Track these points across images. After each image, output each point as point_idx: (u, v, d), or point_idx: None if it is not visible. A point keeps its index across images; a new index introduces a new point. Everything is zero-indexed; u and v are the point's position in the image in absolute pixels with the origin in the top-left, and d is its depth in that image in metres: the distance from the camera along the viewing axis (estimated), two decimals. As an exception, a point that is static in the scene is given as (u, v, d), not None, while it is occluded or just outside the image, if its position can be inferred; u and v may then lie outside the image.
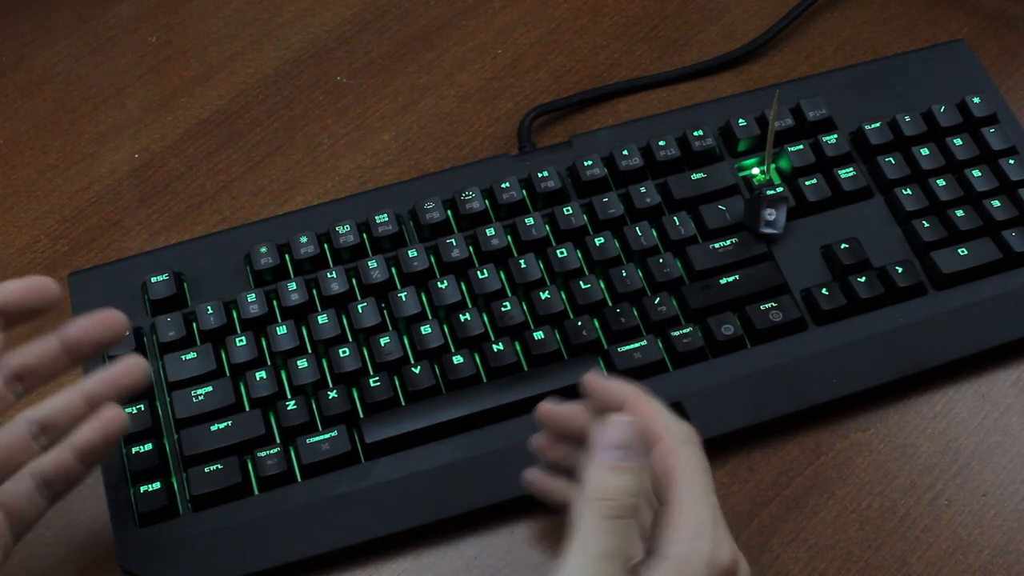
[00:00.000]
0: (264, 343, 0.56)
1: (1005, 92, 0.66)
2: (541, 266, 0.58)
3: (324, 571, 0.52)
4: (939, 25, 0.71)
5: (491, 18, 0.73)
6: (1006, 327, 0.57)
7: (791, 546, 0.53)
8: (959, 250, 0.58)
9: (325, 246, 0.59)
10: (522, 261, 0.58)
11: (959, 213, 0.59)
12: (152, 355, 0.56)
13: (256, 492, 0.53)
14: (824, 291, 0.57)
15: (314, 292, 0.57)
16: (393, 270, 0.58)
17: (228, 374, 0.55)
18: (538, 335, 0.55)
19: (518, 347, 0.56)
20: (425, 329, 0.56)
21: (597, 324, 0.56)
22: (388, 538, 0.52)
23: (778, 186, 0.61)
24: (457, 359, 0.55)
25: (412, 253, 0.58)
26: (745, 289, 0.57)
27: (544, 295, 0.57)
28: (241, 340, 0.55)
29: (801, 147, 0.62)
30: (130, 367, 0.48)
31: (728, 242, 0.59)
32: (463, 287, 0.58)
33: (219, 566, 0.51)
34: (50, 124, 0.68)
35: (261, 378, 0.54)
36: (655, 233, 0.59)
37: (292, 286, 0.57)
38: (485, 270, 0.57)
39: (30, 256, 0.63)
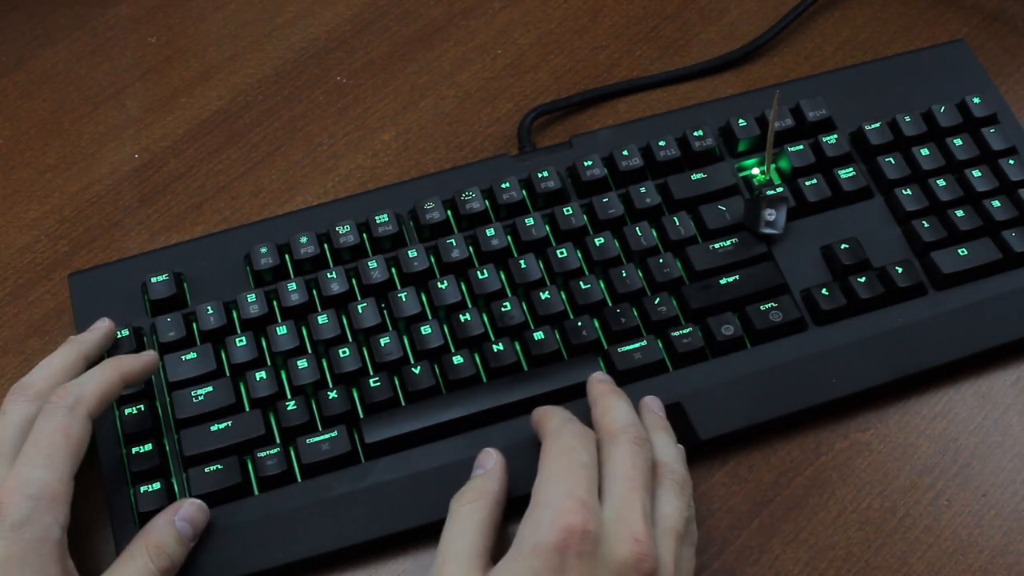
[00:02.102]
0: (264, 343, 0.56)
1: (1005, 92, 0.67)
2: (541, 266, 0.58)
3: (324, 571, 0.52)
4: (939, 25, 0.71)
5: (491, 18, 0.73)
6: (1006, 327, 0.57)
7: (791, 546, 0.53)
8: (959, 250, 0.58)
9: (325, 246, 0.59)
10: (522, 261, 0.58)
11: (959, 213, 0.59)
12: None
13: (256, 492, 0.53)
14: (824, 291, 0.57)
15: (314, 292, 0.57)
16: (393, 270, 0.58)
17: (228, 374, 0.55)
18: (538, 335, 0.55)
19: (518, 347, 0.56)
20: (425, 329, 0.56)
21: (597, 324, 0.56)
22: (388, 538, 0.52)
23: (778, 186, 0.61)
24: (457, 359, 0.55)
25: (412, 253, 0.58)
26: (745, 289, 0.57)
27: (544, 295, 0.57)
28: (241, 340, 0.55)
29: (801, 147, 0.62)
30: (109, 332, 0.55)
31: (728, 242, 0.59)
32: (463, 287, 0.58)
33: (219, 566, 0.51)
34: (50, 124, 0.68)
35: (261, 378, 0.54)
36: (655, 233, 0.59)
37: (292, 286, 0.57)
38: (485, 270, 0.57)
39: (30, 256, 0.63)
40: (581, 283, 0.57)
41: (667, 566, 0.45)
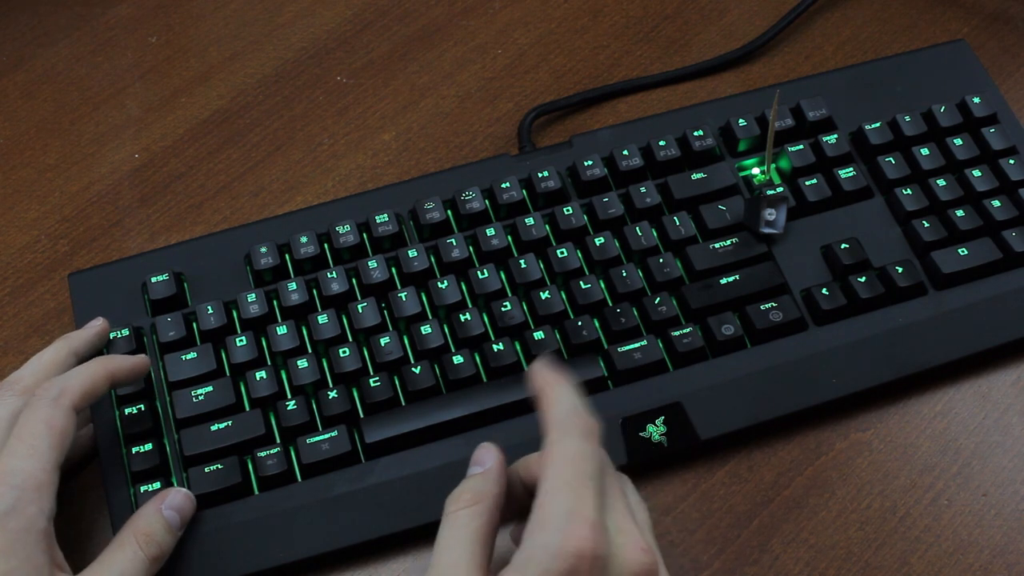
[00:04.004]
0: (264, 343, 0.56)
1: (1005, 92, 0.67)
2: (541, 266, 0.58)
3: (324, 571, 0.52)
4: (939, 25, 0.71)
5: (491, 18, 0.73)
6: (1006, 327, 0.57)
7: (791, 546, 0.53)
8: (959, 250, 0.58)
9: (325, 246, 0.59)
10: (522, 261, 0.58)
11: (959, 213, 0.59)
12: (152, 355, 0.56)
13: (256, 492, 0.53)
14: (824, 291, 0.57)
15: (314, 292, 0.57)
16: (393, 270, 0.58)
17: (228, 374, 0.55)
18: (538, 335, 0.55)
19: (518, 347, 0.56)
20: (425, 329, 0.56)
21: (597, 324, 0.56)
22: (388, 538, 0.52)
23: (778, 186, 0.61)
24: (457, 359, 0.55)
25: (412, 253, 0.58)
26: (745, 289, 0.57)
27: (544, 295, 0.57)
28: (241, 340, 0.55)
29: (801, 147, 0.62)
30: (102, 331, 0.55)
31: (728, 242, 0.59)
32: (463, 287, 0.58)
33: (219, 566, 0.51)
34: (50, 124, 0.68)
35: (261, 378, 0.54)
36: (655, 233, 0.59)
37: (292, 286, 0.57)
38: (485, 270, 0.57)
39: (30, 256, 0.63)
40: (581, 283, 0.57)
41: (659, 559, 0.43)
